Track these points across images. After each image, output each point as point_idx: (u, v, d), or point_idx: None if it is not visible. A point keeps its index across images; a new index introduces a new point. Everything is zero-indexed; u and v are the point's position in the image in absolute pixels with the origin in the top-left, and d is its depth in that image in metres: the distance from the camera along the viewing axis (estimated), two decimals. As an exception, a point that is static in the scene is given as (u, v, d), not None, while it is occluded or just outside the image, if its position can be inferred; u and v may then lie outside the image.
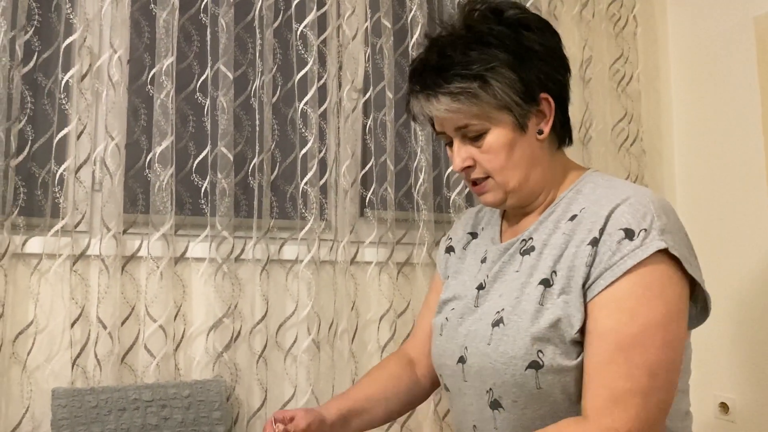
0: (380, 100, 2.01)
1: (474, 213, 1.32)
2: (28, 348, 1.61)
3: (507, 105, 1.05)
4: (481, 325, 1.08)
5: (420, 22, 2.06)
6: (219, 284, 1.78)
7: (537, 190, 1.11)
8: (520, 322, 1.02)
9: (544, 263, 1.05)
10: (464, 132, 1.07)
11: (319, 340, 1.86)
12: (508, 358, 1.01)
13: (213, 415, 1.66)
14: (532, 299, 1.02)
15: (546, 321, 0.99)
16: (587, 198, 1.08)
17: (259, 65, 1.87)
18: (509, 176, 1.08)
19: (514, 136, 1.06)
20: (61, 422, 1.52)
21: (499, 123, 1.05)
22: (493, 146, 1.06)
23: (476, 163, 1.09)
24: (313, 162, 1.89)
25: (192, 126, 1.88)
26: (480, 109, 1.04)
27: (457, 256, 1.27)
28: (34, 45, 1.70)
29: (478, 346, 1.06)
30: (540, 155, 1.10)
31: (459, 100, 1.04)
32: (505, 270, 1.11)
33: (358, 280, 1.96)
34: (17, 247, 1.63)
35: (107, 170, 1.70)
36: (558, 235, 1.06)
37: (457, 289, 1.20)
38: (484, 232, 1.25)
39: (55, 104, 1.69)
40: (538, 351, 0.99)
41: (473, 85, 1.03)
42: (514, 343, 1.01)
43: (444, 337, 1.15)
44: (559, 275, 1.02)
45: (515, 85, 1.05)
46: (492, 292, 1.11)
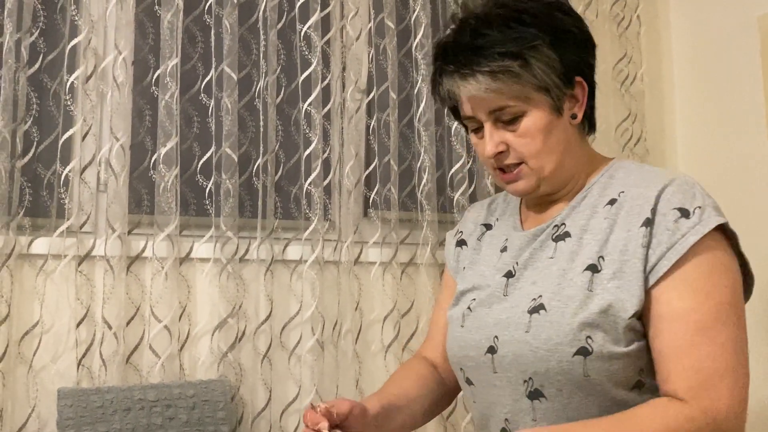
0: (384, 100, 2.02)
1: (485, 205, 1.29)
2: (34, 348, 1.62)
3: (546, 86, 1.02)
4: (515, 312, 1.04)
5: (423, 22, 2.06)
6: (223, 284, 1.79)
7: (568, 177, 1.09)
8: (565, 309, 0.99)
9: (588, 249, 1.02)
10: (498, 115, 1.04)
11: (323, 340, 1.86)
12: (553, 344, 0.98)
13: (217, 414, 1.66)
14: (578, 285, 1.00)
15: (596, 306, 0.97)
16: (623, 182, 1.06)
17: (263, 66, 1.88)
18: (545, 161, 1.05)
19: (551, 120, 1.04)
20: (67, 422, 1.53)
21: (537, 105, 1.03)
22: (530, 129, 1.03)
23: (509, 149, 1.05)
24: (317, 162, 1.89)
25: (196, 127, 1.89)
26: (520, 90, 1.01)
27: (471, 248, 1.24)
28: (39, 46, 1.71)
29: (513, 335, 1.03)
30: (573, 141, 1.08)
31: (499, 79, 1.00)
32: (537, 256, 1.08)
33: (362, 280, 1.96)
34: (23, 248, 1.64)
35: (112, 171, 1.70)
36: (598, 219, 1.04)
37: (475, 279, 1.16)
38: (500, 222, 1.22)
39: (60, 105, 1.70)
40: (586, 337, 0.96)
41: (514, 63, 1.00)
42: (560, 329, 0.98)
43: (467, 329, 1.11)
44: (608, 260, 0.99)
45: (555, 65, 1.02)
46: (523, 280, 1.07)
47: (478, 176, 2.12)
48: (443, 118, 2.11)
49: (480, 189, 2.11)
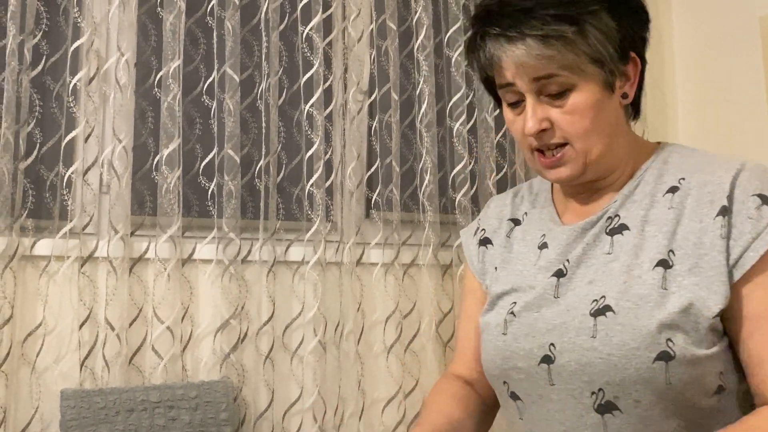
0: (386, 101, 2.02)
1: (508, 199, 1.15)
2: (37, 349, 1.63)
3: (601, 57, 0.91)
4: (573, 316, 0.93)
5: (425, 23, 2.06)
6: (226, 286, 1.79)
7: (615, 162, 0.98)
8: (638, 310, 0.88)
9: (655, 242, 0.92)
10: (544, 85, 0.92)
11: (326, 342, 1.86)
12: (629, 350, 0.87)
13: (220, 416, 1.67)
14: (649, 283, 0.90)
15: (675, 306, 0.87)
16: (680, 168, 0.97)
17: (265, 68, 1.88)
18: (592, 143, 0.94)
19: (602, 97, 0.93)
20: (70, 423, 1.53)
21: (589, 78, 0.92)
22: (579, 106, 0.92)
23: (554, 126, 0.94)
24: (319, 164, 1.90)
25: (199, 128, 1.89)
26: (573, 59, 0.90)
27: (500, 246, 1.10)
28: (42, 48, 1.72)
29: (575, 341, 0.91)
30: (622, 122, 0.98)
31: (552, 45, 0.89)
32: (591, 253, 0.97)
33: (363, 281, 1.97)
34: (26, 249, 1.64)
35: (115, 173, 1.71)
36: (660, 209, 0.94)
37: (512, 280, 1.04)
38: (530, 216, 1.09)
39: (63, 107, 1.71)
40: (667, 340, 0.86)
41: (568, 29, 0.89)
42: (635, 333, 0.87)
43: (512, 336, 0.98)
44: (679, 254, 0.90)
45: (613, 34, 0.92)
46: (576, 279, 0.96)
47: (480, 177, 2.12)
48: (445, 119, 2.12)
49: (482, 190, 2.12)
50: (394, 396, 1.95)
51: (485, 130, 2.13)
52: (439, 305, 2.01)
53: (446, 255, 2.05)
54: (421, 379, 1.99)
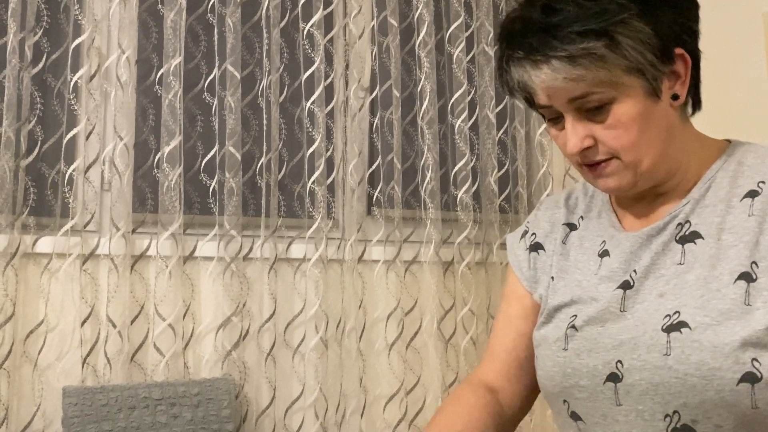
0: (387, 98, 2.02)
1: (562, 201, 1.08)
2: (39, 347, 1.63)
3: (639, 67, 0.84)
4: (642, 332, 0.87)
5: (426, 20, 2.06)
6: (227, 283, 1.79)
7: (674, 167, 0.91)
8: (719, 327, 0.82)
9: (734, 252, 0.86)
10: (581, 104, 0.86)
11: (327, 339, 1.86)
12: (709, 370, 0.81)
13: (222, 413, 1.67)
14: (730, 298, 0.84)
15: (761, 323, 0.81)
16: (758, 170, 0.90)
17: (266, 65, 1.88)
18: (642, 154, 0.87)
19: (647, 105, 0.86)
20: (72, 420, 1.54)
21: (629, 90, 0.85)
22: (621, 119, 0.85)
23: (597, 143, 0.87)
24: (321, 161, 1.90)
25: (200, 126, 1.89)
26: (606, 74, 0.83)
27: (556, 253, 1.03)
28: (43, 46, 1.72)
29: (645, 359, 0.85)
30: (676, 125, 0.90)
31: (581, 64, 0.83)
32: (660, 263, 0.90)
33: (365, 278, 1.97)
34: (28, 247, 1.64)
35: (116, 170, 1.71)
36: (738, 216, 0.88)
37: (573, 291, 0.97)
38: (587, 221, 1.02)
39: (64, 105, 1.71)
40: (752, 359, 0.80)
41: (598, 44, 0.82)
42: (715, 351, 0.81)
43: (574, 352, 0.92)
44: (763, 266, 0.84)
45: (649, 40, 0.84)
46: (645, 292, 0.90)
47: (481, 174, 2.12)
48: (446, 115, 2.11)
49: (483, 187, 2.11)
50: (396, 393, 1.95)
51: (487, 127, 2.12)
52: (441, 302, 2.01)
53: (448, 252, 2.05)
54: (422, 377, 1.99)
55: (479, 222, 2.10)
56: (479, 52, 2.15)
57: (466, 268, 2.04)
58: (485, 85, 2.13)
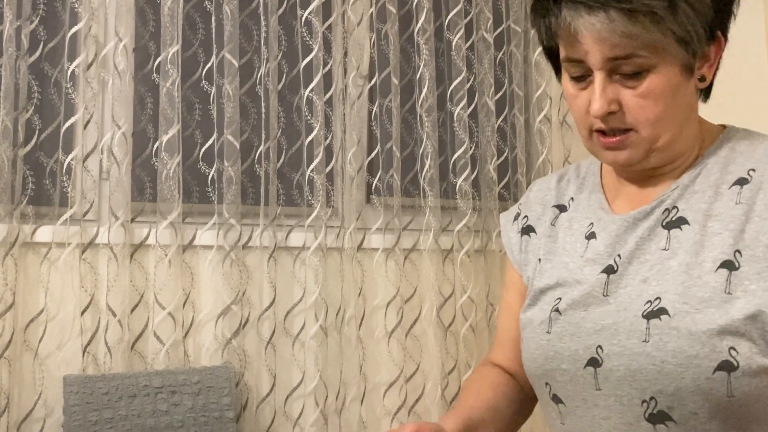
0: (386, 86, 2.01)
1: (553, 182, 1.07)
2: (40, 336, 1.64)
3: (688, 38, 0.82)
4: (623, 317, 0.87)
5: (425, 6, 2.05)
6: (227, 272, 1.79)
7: (683, 149, 0.91)
8: (697, 314, 0.82)
9: (719, 240, 0.85)
10: (619, 65, 0.83)
11: (327, 326, 1.87)
12: (686, 357, 0.81)
13: (222, 400, 1.68)
14: (711, 285, 0.83)
15: (741, 311, 0.81)
16: (750, 157, 0.89)
17: (264, 53, 1.87)
18: (662, 130, 0.86)
19: (681, 81, 0.85)
20: (73, 408, 1.55)
21: (670, 61, 0.83)
22: (654, 90, 0.83)
23: (622, 109, 0.85)
24: (319, 149, 1.89)
25: (198, 114, 1.88)
26: (659, 38, 0.81)
27: (545, 235, 1.02)
28: (39, 34, 1.71)
29: (624, 345, 0.86)
30: (694, 107, 0.90)
31: (639, 21, 0.80)
32: (645, 248, 0.90)
33: (365, 266, 1.97)
34: (27, 236, 1.65)
35: (114, 159, 1.71)
36: (725, 203, 0.87)
37: (558, 273, 0.97)
38: (576, 203, 1.02)
39: (61, 94, 1.70)
40: (729, 348, 0.80)
41: (661, 4, 0.80)
42: (692, 339, 0.81)
43: (556, 335, 0.92)
44: (747, 255, 0.83)
45: (707, 11, 0.83)
46: (629, 276, 0.89)
47: (480, 162, 2.12)
48: (446, 103, 2.11)
49: (483, 175, 2.11)
50: (396, 380, 1.96)
51: (486, 115, 2.12)
52: (440, 290, 2.02)
53: (447, 240, 2.05)
54: (422, 364, 2.00)
55: (478, 210, 2.10)
56: (478, 39, 2.14)
57: (466, 256, 2.04)
58: (484, 73, 2.12)
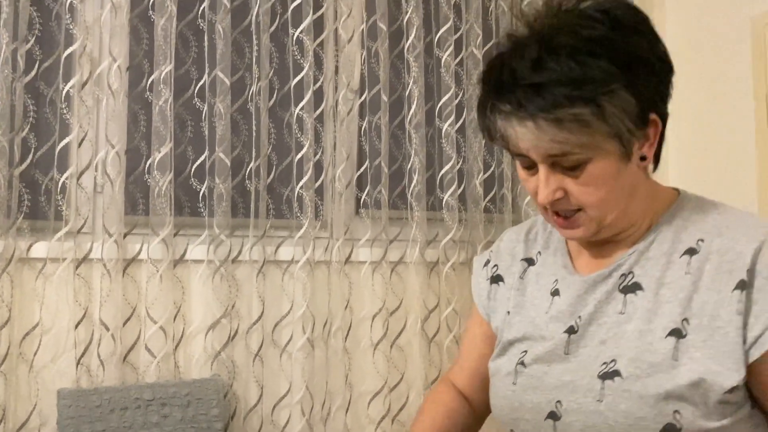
0: (375, 103, 2.05)
1: (522, 234, 1.12)
2: (35, 348, 1.69)
3: (619, 133, 0.87)
4: (581, 376, 0.92)
5: (415, 24, 2.08)
6: (217, 285, 1.85)
7: (632, 220, 0.96)
8: (648, 379, 0.87)
9: (669, 308, 0.90)
10: (557, 160, 0.89)
11: (314, 339, 1.93)
12: (635, 419, 0.86)
13: (211, 412, 1.74)
14: (660, 352, 0.88)
15: (685, 379, 0.85)
16: (700, 227, 0.94)
17: (256, 71, 1.91)
18: (607, 210, 0.92)
19: (619, 166, 0.89)
20: (67, 421, 1.61)
21: (604, 153, 0.88)
22: (594, 179, 0.89)
23: (567, 195, 0.91)
24: (309, 165, 1.94)
25: (190, 131, 1.93)
26: (588, 139, 0.86)
27: (513, 288, 1.08)
28: (35, 54, 1.74)
29: (581, 402, 0.91)
30: (639, 183, 0.94)
31: (566, 128, 0.85)
32: (604, 311, 0.95)
33: (352, 279, 2.02)
34: (23, 252, 1.70)
35: (108, 177, 1.75)
36: (676, 272, 0.92)
37: (525, 328, 1.02)
38: (543, 257, 1.07)
39: (56, 113, 1.74)
40: (674, 411, 0.85)
41: (585, 110, 0.84)
42: (641, 401, 0.86)
43: (520, 387, 0.98)
44: (694, 324, 0.88)
45: (631, 108, 0.87)
46: (588, 337, 0.95)
47: (467, 177, 2.16)
48: (434, 119, 2.15)
49: (470, 190, 2.16)
50: (380, 390, 2.02)
51: (474, 130, 2.16)
52: (425, 302, 2.07)
53: (433, 253, 2.10)
54: (406, 374, 2.06)
55: (464, 221, 2.15)
56: (468, 56, 2.17)
57: (451, 269, 2.10)
58: (473, 89, 2.16)
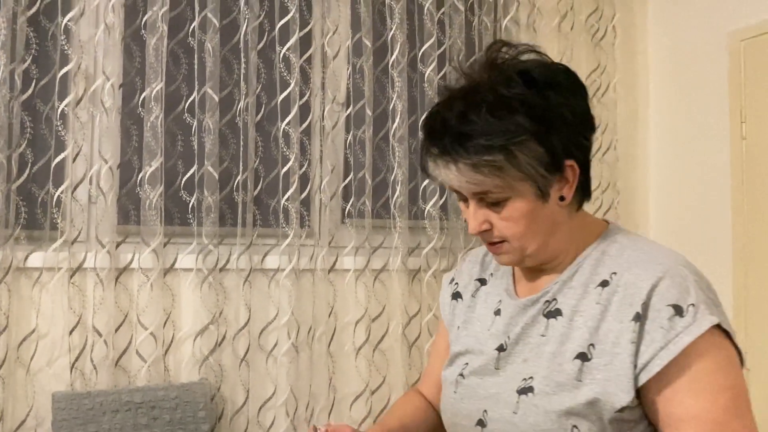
0: (360, 117, 2.13)
1: (480, 256, 1.24)
2: (31, 353, 1.79)
3: (531, 176, 0.99)
4: (504, 389, 1.04)
5: (399, 40, 2.15)
6: (205, 293, 1.94)
7: (555, 252, 1.07)
8: (554, 396, 0.98)
9: (579, 334, 1.00)
10: (482, 197, 1.01)
11: (299, 344, 2.02)
12: (540, 431, 0.98)
13: (198, 414, 1.83)
14: (567, 373, 0.99)
15: (584, 398, 0.96)
16: (616, 261, 1.03)
17: (244, 87, 1.99)
18: (527, 243, 1.04)
19: (536, 206, 1.01)
20: (61, 423, 1.71)
21: (521, 193, 1.00)
22: (513, 215, 1.01)
23: (493, 228, 1.04)
24: (294, 177, 2.02)
25: (180, 145, 2.01)
26: (502, 181, 0.99)
27: (465, 305, 1.21)
28: (32, 73, 1.83)
29: (502, 413, 1.03)
30: (560, 220, 1.05)
31: (481, 172, 0.98)
32: (529, 332, 1.06)
33: (336, 286, 2.11)
34: (20, 262, 1.79)
35: (101, 191, 1.84)
36: (589, 302, 1.02)
37: (469, 342, 1.14)
38: (494, 279, 1.19)
39: (52, 130, 1.83)
40: (573, 426, 0.96)
41: (498, 157, 0.97)
42: (546, 416, 0.98)
43: (459, 396, 1.11)
44: (598, 349, 0.98)
45: (541, 157, 0.99)
46: (514, 355, 1.06)
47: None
48: (417, 132, 2.22)
49: (451, 200, 2.24)
50: (362, 392, 2.12)
51: (456, 143, 2.23)
52: (407, 309, 2.16)
53: (415, 261, 2.19)
54: (388, 377, 2.15)
55: (445, 231, 2.23)
56: (451, 70, 2.24)
57: (432, 277, 2.18)
58: (455, 102, 2.23)
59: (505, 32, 2.33)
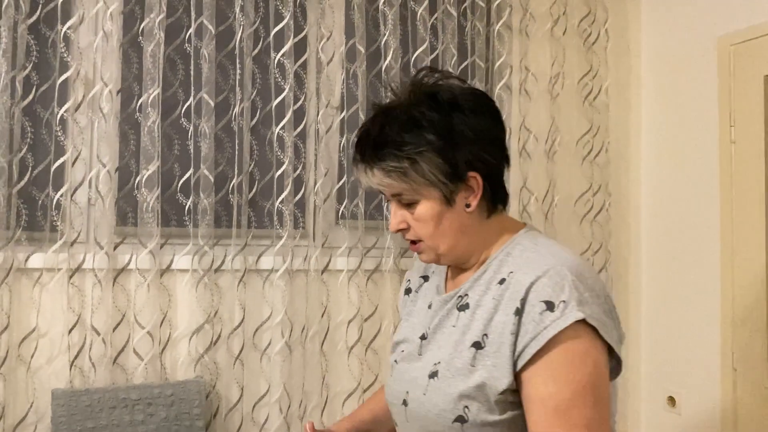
0: (354, 121, 2.17)
1: None
2: (32, 351, 1.85)
3: (434, 183, 1.14)
4: (420, 374, 1.19)
5: (392, 46, 2.20)
6: (201, 293, 1.99)
7: (467, 253, 1.20)
8: (452, 379, 1.12)
9: (476, 325, 1.14)
10: (399, 198, 1.18)
11: (292, 343, 2.07)
12: (440, 410, 1.13)
13: (193, 411, 1.89)
14: (464, 359, 1.12)
15: (473, 382, 1.10)
16: (515, 262, 1.16)
17: (239, 92, 2.04)
18: (438, 242, 1.18)
19: (442, 209, 1.16)
20: (60, 419, 1.77)
21: (428, 197, 1.15)
22: (422, 216, 1.16)
23: (409, 227, 1.19)
24: (289, 180, 2.07)
25: (177, 149, 2.06)
26: (410, 185, 1.14)
27: (411, 299, 1.37)
28: (33, 80, 1.88)
29: (416, 394, 1.18)
30: (469, 224, 1.18)
31: (391, 176, 1.14)
32: (444, 323, 1.20)
33: (329, 286, 2.16)
34: (20, 263, 1.85)
35: (99, 193, 1.89)
36: (489, 297, 1.15)
37: (406, 332, 1.31)
38: (433, 276, 1.34)
39: (52, 135, 1.88)
40: (464, 407, 1.10)
41: (404, 164, 1.13)
42: (445, 397, 1.12)
43: (393, 379, 1.27)
44: (489, 339, 1.11)
45: (442, 167, 1.13)
46: (432, 343, 1.21)
47: (441, 190, 2.28)
48: (410, 136, 2.27)
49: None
50: (354, 390, 2.17)
51: (448, 146, 2.27)
52: (398, 308, 2.21)
53: (407, 262, 2.24)
54: (380, 375, 2.20)
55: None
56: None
57: (424, 278, 2.23)
58: (448, 106, 2.27)
59: (497, 37, 2.37)
